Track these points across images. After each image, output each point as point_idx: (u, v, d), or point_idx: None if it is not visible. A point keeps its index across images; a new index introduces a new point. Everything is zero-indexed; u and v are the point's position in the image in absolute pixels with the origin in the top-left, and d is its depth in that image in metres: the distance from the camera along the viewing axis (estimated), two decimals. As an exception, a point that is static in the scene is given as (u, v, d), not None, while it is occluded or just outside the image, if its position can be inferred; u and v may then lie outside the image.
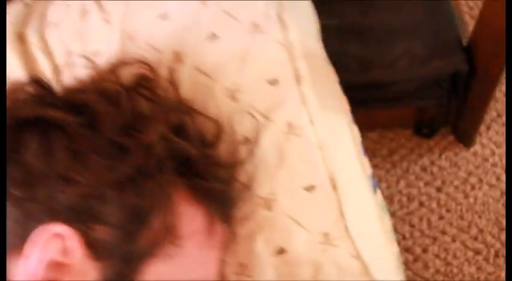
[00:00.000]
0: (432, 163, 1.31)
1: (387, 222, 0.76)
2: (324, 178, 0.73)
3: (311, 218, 0.71)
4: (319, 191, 0.72)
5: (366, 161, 0.79)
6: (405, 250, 1.21)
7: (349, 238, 0.71)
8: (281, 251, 0.71)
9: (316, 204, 0.72)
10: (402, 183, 1.28)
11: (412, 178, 1.29)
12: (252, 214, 0.72)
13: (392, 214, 1.24)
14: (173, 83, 0.72)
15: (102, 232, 0.59)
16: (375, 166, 1.27)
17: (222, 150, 0.72)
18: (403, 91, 1.18)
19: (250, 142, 0.73)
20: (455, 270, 1.20)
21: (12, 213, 0.58)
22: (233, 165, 0.72)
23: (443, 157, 1.31)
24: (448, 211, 1.26)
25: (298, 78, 0.75)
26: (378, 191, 0.78)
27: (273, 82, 0.75)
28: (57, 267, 0.57)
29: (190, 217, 0.65)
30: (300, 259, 0.70)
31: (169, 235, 0.62)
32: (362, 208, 0.75)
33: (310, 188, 0.72)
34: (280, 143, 0.73)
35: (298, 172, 0.73)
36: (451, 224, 1.24)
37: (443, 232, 1.24)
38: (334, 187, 0.73)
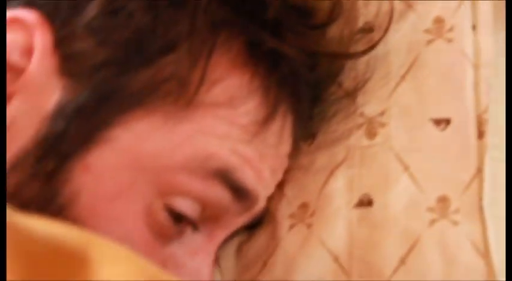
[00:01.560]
0: None
1: None
2: (468, 112, 0.48)
3: (429, 167, 0.47)
4: (455, 131, 0.48)
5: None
6: None
7: (479, 219, 0.45)
8: (366, 202, 0.47)
9: (444, 148, 0.47)
10: None
11: None
12: (343, 136, 0.49)
13: None
14: None
15: (85, 43, 0.43)
16: None
17: (331, 34, 0.50)
18: None
19: (374, 32, 0.50)
20: None
21: None
22: (338, 56, 0.50)
23: None
24: None
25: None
26: None
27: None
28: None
29: (232, 86, 0.45)
30: (389, 222, 0.46)
31: (180, 90, 0.43)
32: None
33: (441, 122, 0.48)
34: (416, 43, 0.50)
35: (432, 93, 0.48)
36: None
37: None
38: (481, 133, 0.47)
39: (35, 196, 0.39)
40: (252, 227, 0.51)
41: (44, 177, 0.41)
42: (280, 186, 0.51)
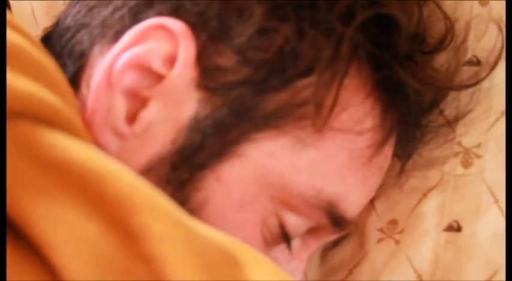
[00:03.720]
0: None
1: None
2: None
3: (518, 201, 0.52)
4: (547, 172, 0.52)
5: None
6: None
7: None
8: (455, 228, 0.53)
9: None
10: None
11: None
12: (438, 162, 0.55)
13: None
14: None
15: (226, 59, 0.47)
16: None
17: (437, 62, 0.55)
18: None
19: (482, 66, 0.55)
20: None
21: (125, 1, 0.49)
22: (444, 85, 0.55)
23: None
24: None
25: None
26: None
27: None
28: (143, 72, 0.47)
29: (358, 111, 0.50)
30: (475, 249, 0.52)
31: (315, 113, 0.48)
32: None
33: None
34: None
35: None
36: None
37: None
38: None
39: None
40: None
41: (177, 184, 0.46)
42: (371, 199, 0.57)
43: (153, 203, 0.32)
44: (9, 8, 0.68)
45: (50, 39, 0.54)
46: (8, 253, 0.31)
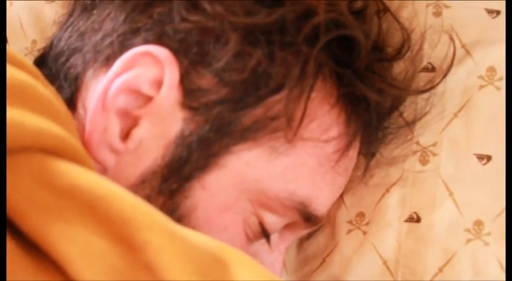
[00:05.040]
0: None
1: None
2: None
3: (469, 195, 0.60)
4: (494, 167, 0.60)
5: None
6: None
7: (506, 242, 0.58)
8: (415, 219, 0.60)
9: (484, 181, 0.60)
10: None
11: None
12: (399, 160, 0.62)
13: None
14: None
15: (206, 81, 0.53)
16: None
17: (396, 68, 0.62)
18: None
19: (436, 72, 0.62)
20: None
21: (114, 27, 0.55)
22: (403, 91, 0.62)
23: None
24: None
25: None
26: None
27: (494, 12, 0.62)
28: (133, 94, 0.53)
29: (324, 121, 0.57)
30: (432, 238, 0.60)
31: (286, 125, 0.54)
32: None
33: (484, 158, 0.60)
34: (469, 89, 0.62)
35: (478, 134, 0.61)
36: None
37: None
38: (513, 169, 0.59)
39: (159, 208, 0.44)
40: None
41: (168, 194, 0.53)
42: (340, 195, 0.64)
43: (151, 220, 0.38)
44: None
45: (45, 62, 0.59)
46: (31, 268, 0.37)
